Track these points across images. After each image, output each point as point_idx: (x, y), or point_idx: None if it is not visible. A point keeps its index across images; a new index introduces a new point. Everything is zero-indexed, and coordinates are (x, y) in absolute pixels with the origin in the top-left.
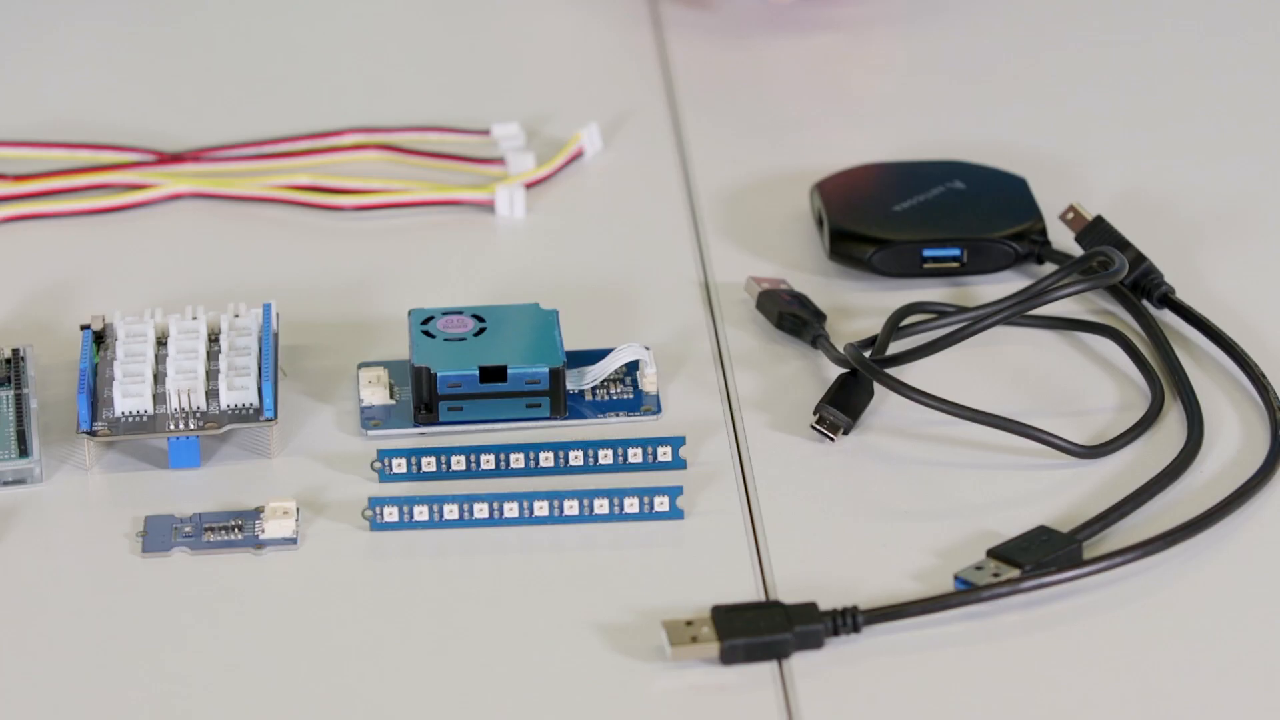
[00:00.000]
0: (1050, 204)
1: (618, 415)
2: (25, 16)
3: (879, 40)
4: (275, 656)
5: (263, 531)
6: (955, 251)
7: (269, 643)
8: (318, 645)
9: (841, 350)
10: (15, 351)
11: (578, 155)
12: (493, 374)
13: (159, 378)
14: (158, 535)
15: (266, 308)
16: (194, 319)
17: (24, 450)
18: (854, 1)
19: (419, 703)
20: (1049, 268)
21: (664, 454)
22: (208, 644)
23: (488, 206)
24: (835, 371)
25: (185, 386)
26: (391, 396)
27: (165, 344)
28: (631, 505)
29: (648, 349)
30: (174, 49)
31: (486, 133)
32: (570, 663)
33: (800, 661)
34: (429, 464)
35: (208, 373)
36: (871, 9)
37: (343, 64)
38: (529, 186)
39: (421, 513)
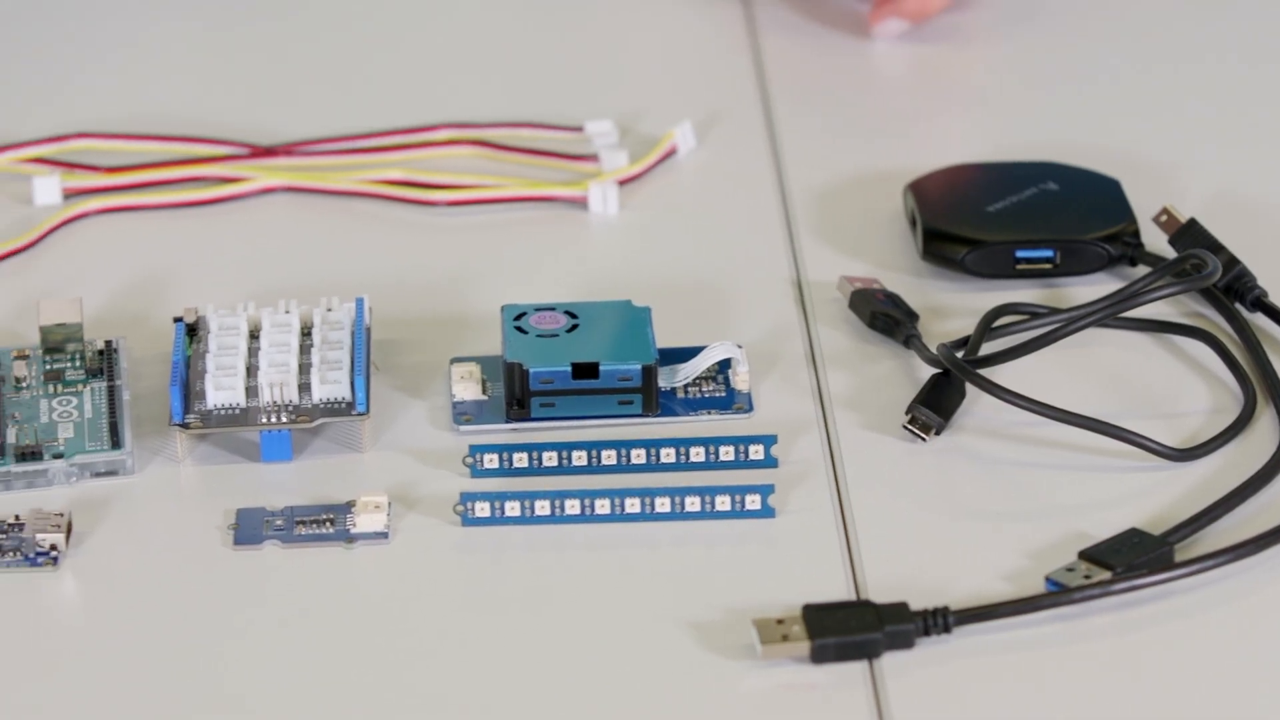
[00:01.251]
0: (1143, 206)
1: (709, 413)
2: (123, 9)
3: (974, 42)
4: (365, 650)
5: (354, 526)
6: (1048, 253)
7: (359, 637)
8: (408, 640)
9: (934, 350)
10: (108, 343)
11: (671, 153)
12: (585, 370)
13: (251, 371)
14: (249, 528)
15: (359, 302)
16: (287, 313)
17: (116, 442)
18: (952, 10)
19: (509, 698)
20: (1141, 270)
21: (756, 452)
22: (298, 637)
23: (581, 203)
24: (927, 372)
25: (278, 380)
26: (484, 392)
27: (258, 337)
28: (723, 503)
29: (740, 347)
30: (270, 43)
31: (580, 129)
32: (660, 660)
33: (890, 661)
34: (521, 460)
35: (300, 366)
36: (968, 14)
37: (437, 59)
38: (622, 183)
39: (513, 508)
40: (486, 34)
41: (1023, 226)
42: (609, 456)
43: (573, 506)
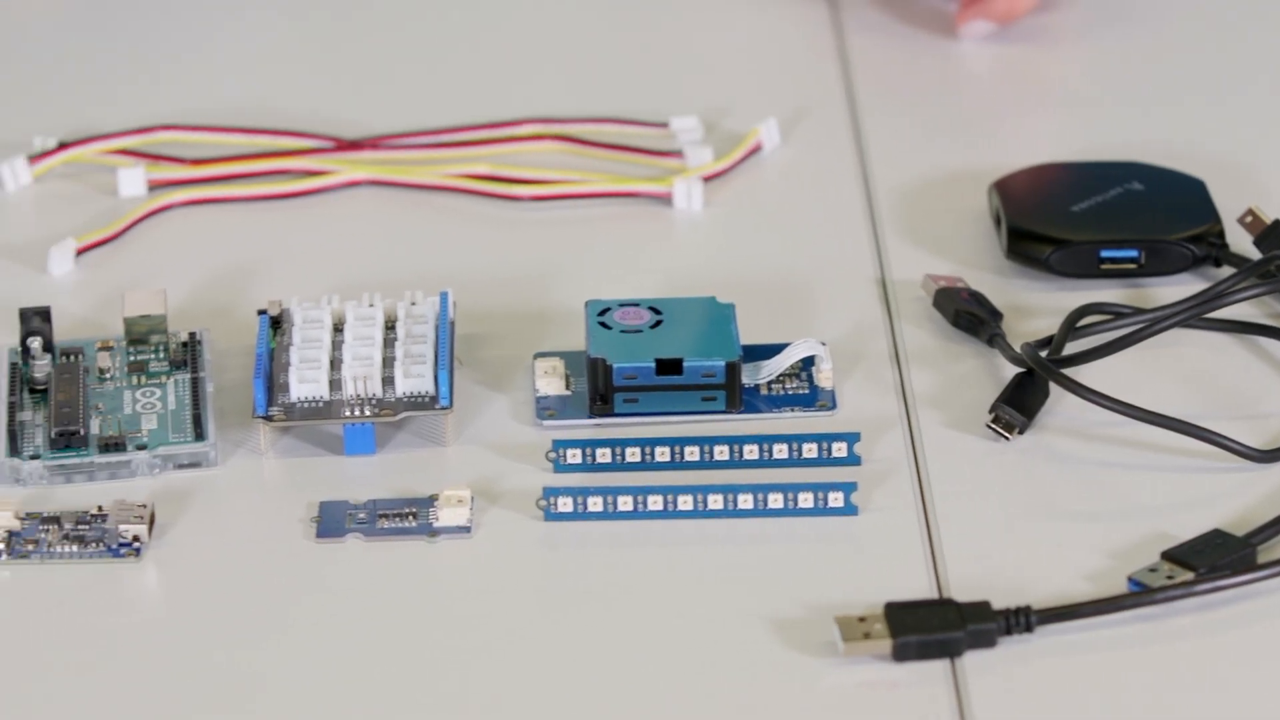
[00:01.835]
0: (1228, 207)
1: (793, 410)
2: (210, 1)
3: (1061, 42)
4: (446, 644)
5: (437, 519)
6: (1133, 253)
7: (441, 630)
8: (489, 634)
9: (1018, 349)
10: (192, 335)
11: (756, 150)
12: (668, 366)
13: (335, 364)
14: (332, 521)
15: (443, 296)
16: (371, 306)
17: (200, 434)
18: (1039, 10)
19: (590, 693)
20: (1226, 271)
21: (839, 449)
22: (380, 630)
23: (665, 199)
24: (1011, 370)
25: (361, 373)
26: (567, 387)
27: (342, 330)
28: (806, 500)
29: (824, 344)
30: (356, 37)
31: (665, 125)
32: (742, 656)
33: (972, 660)
34: (604, 455)
35: (384, 360)
36: (1054, 15)
37: (523, 53)
38: (707, 180)
39: (595, 504)
40: (573, 29)
41: (1108, 226)
42: (692, 453)
43: (655, 502)
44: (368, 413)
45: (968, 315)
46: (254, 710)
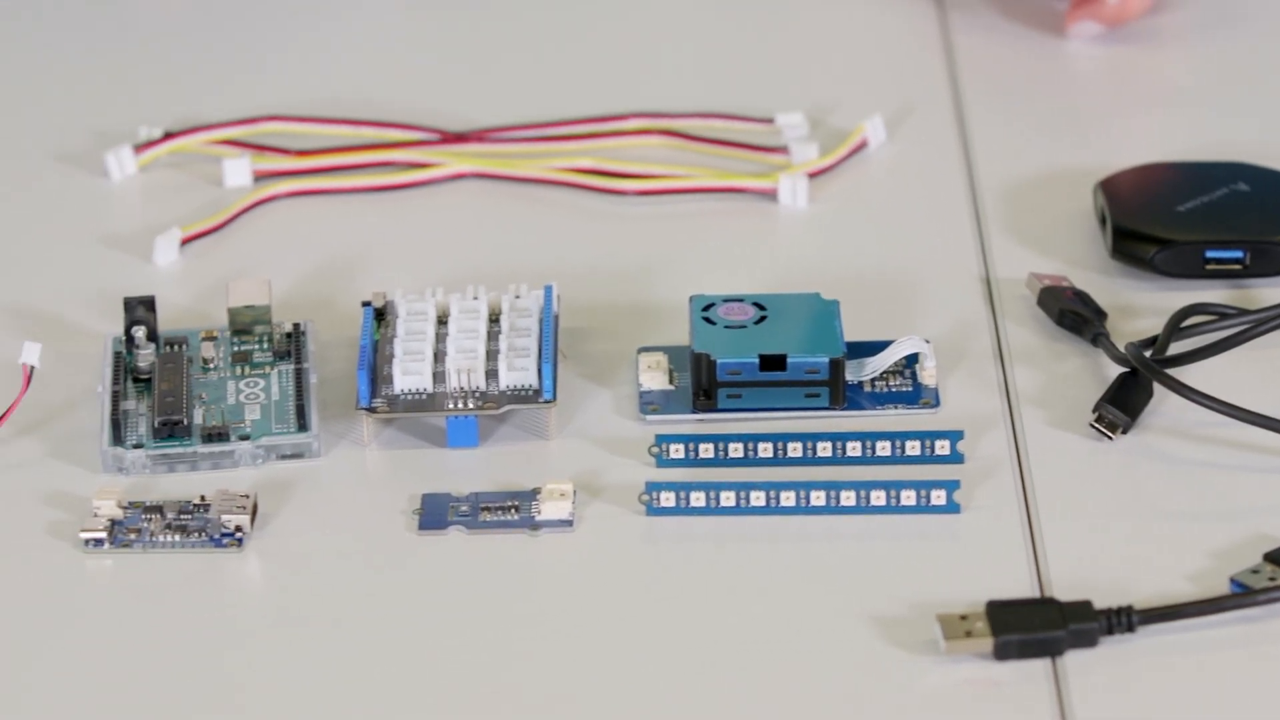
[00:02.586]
0: None
1: (896, 407)
2: None
3: (1170, 43)
4: (548, 637)
5: (539, 513)
6: (1238, 254)
7: (542, 623)
8: (590, 627)
9: (1122, 349)
10: (296, 326)
11: (861, 146)
12: (772, 362)
13: (439, 356)
14: (434, 513)
15: (548, 289)
16: (475, 299)
17: (303, 425)
18: (1148, 12)
19: (690, 688)
20: None
21: (942, 448)
22: (481, 623)
23: (770, 195)
24: (1115, 370)
25: (465, 366)
26: (670, 382)
27: (446, 323)
28: (908, 498)
29: (928, 342)
30: (463, 29)
31: (770, 121)
32: (843, 654)
33: (1074, 659)
34: (706, 450)
35: (488, 353)
36: (1164, 16)
37: (630, 48)
38: (812, 176)
39: (698, 499)
40: (679, 24)
41: (1213, 227)
42: (795, 449)
43: (758, 498)
44: (471, 405)
45: (1072, 314)
46: (354, 701)
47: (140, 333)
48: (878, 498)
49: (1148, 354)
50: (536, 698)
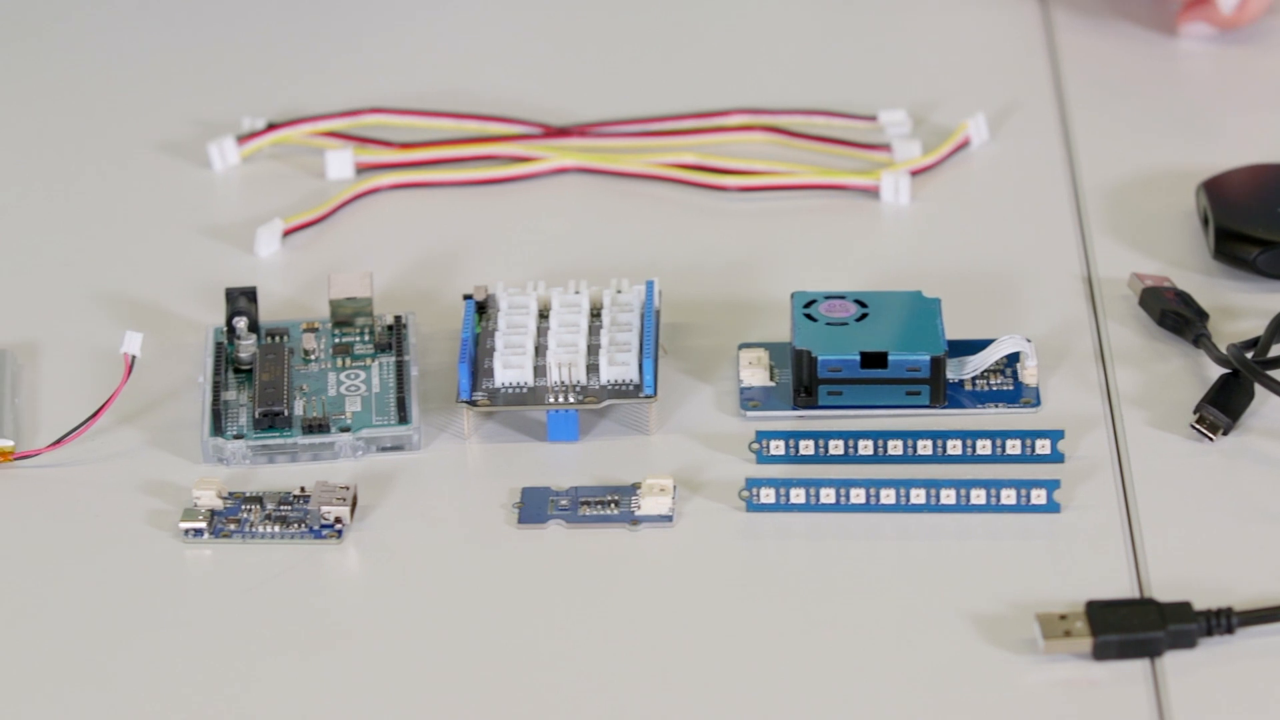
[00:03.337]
0: None
1: (996, 406)
2: None
3: (1277, 44)
4: (647, 632)
5: (639, 508)
6: None
7: (641, 618)
8: (689, 622)
9: (1224, 350)
10: (398, 319)
11: (964, 144)
12: (874, 360)
13: (540, 350)
14: (534, 507)
15: (649, 284)
16: (576, 293)
17: (404, 417)
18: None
19: (788, 683)
20: None
21: (1042, 447)
22: (581, 617)
23: (872, 192)
24: (1216, 371)
25: (566, 360)
26: (771, 378)
27: (547, 317)
28: (1008, 497)
29: (1029, 341)
30: (566, 24)
31: (873, 118)
32: (941, 652)
33: (1172, 660)
34: (807, 447)
35: (589, 347)
36: (1275, 19)
37: (733, 45)
38: (915, 174)
39: (798, 495)
40: (783, 21)
41: None
42: (895, 447)
43: (858, 495)
44: (571, 400)
45: (1174, 315)
46: (454, 693)
47: (242, 323)
48: (978, 496)
49: (1249, 355)
50: (635, 692)
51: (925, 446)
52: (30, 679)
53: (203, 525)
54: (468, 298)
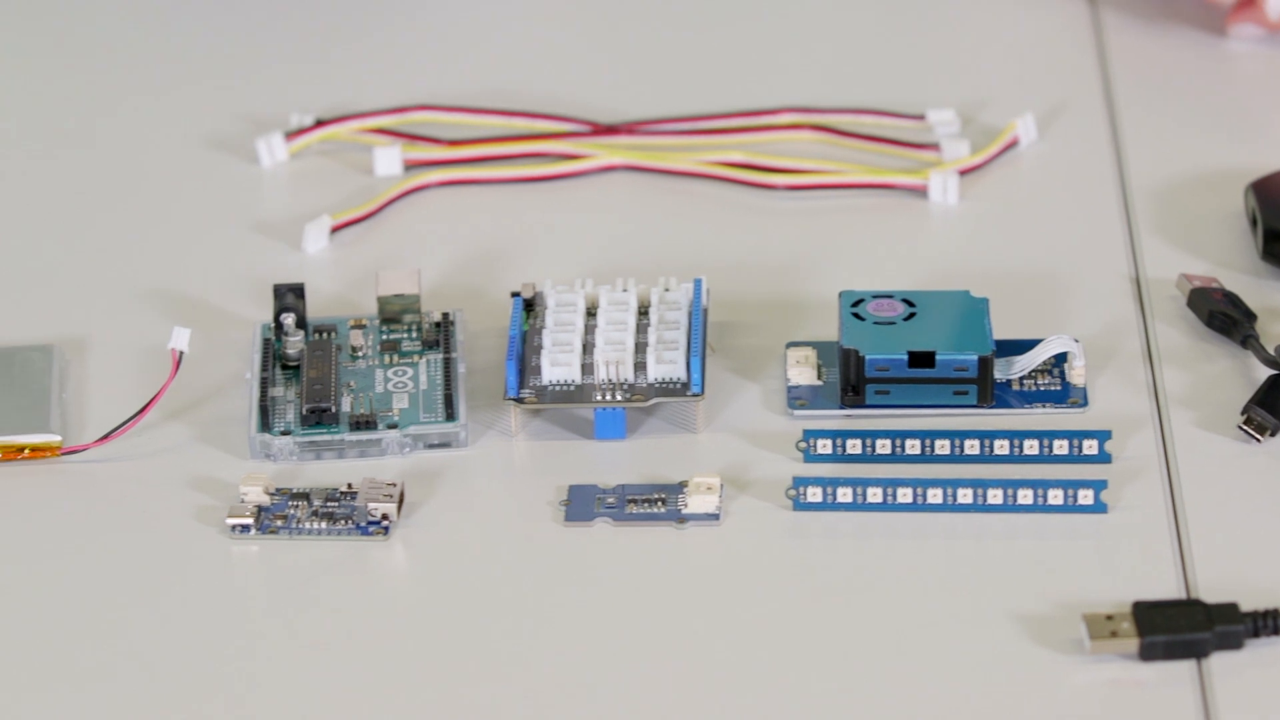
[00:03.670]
0: None
1: (1044, 406)
2: None
3: None
4: (693, 630)
5: (686, 506)
6: None
7: (687, 616)
8: (735, 621)
9: (1272, 352)
10: (445, 316)
11: (1013, 144)
12: (921, 359)
13: (588, 348)
14: (581, 505)
15: (697, 283)
16: (624, 291)
17: (451, 414)
18: None
19: (833, 683)
20: None
21: (1089, 447)
22: (627, 615)
23: (921, 191)
24: (1264, 372)
25: (614, 358)
26: (819, 377)
27: (595, 314)
28: (1055, 497)
29: (1077, 341)
30: (614, 22)
31: (922, 118)
32: (988, 651)
33: (1219, 662)
34: (854, 446)
35: (636, 345)
36: None
37: (781, 43)
38: (963, 173)
39: (845, 494)
40: (831, 19)
41: None
42: (942, 446)
43: (905, 495)
44: (619, 397)
45: (1222, 316)
46: (499, 690)
47: (289, 320)
48: (1025, 496)
49: None
50: (680, 690)
51: (973, 446)
52: (77, 673)
53: (250, 521)
54: (515, 295)
